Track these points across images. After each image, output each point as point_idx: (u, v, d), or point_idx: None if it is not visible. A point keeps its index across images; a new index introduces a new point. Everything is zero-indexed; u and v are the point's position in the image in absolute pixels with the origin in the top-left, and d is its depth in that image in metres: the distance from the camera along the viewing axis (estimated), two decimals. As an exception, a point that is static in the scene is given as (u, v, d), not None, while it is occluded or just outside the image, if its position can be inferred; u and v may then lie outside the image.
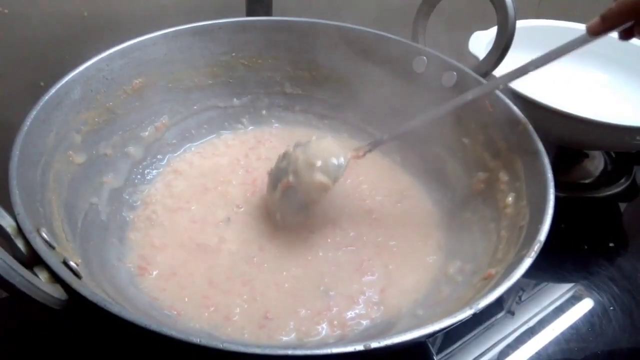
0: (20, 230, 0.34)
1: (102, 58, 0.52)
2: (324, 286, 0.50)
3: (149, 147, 0.60)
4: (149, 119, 0.60)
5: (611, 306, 0.58)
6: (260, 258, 0.52)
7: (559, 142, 0.65)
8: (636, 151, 0.75)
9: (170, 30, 0.58)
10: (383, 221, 0.58)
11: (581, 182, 0.75)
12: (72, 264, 0.37)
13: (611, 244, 0.66)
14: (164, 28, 0.58)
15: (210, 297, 0.48)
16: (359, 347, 0.30)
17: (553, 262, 0.62)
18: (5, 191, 0.37)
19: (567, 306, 0.57)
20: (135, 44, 0.55)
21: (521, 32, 0.59)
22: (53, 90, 0.47)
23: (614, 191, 0.74)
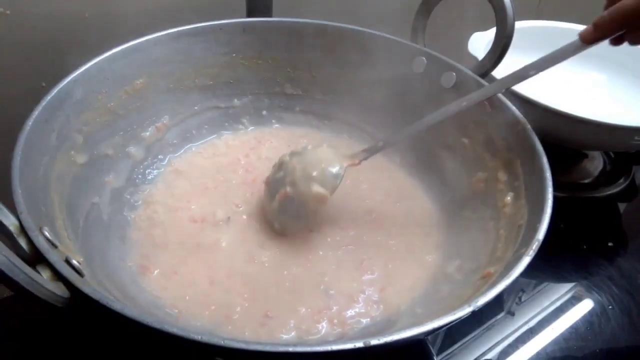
0: (22, 229, 0.35)
1: (104, 59, 0.52)
2: (324, 285, 0.50)
3: (150, 147, 0.60)
4: (150, 120, 0.60)
5: (610, 305, 0.58)
6: (261, 257, 0.52)
7: (557, 142, 0.65)
8: (635, 151, 0.75)
9: (171, 30, 0.58)
10: (383, 220, 0.58)
11: (580, 182, 0.75)
12: (75, 262, 0.37)
13: (610, 244, 0.66)
14: (165, 29, 0.58)
15: (211, 295, 0.48)
16: (359, 345, 0.30)
17: (552, 262, 0.62)
18: (8, 190, 0.37)
19: (566, 306, 0.58)
20: (136, 44, 0.56)
21: (520, 33, 0.59)
22: (55, 90, 0.47)
23: (613, 191, 0.74)
